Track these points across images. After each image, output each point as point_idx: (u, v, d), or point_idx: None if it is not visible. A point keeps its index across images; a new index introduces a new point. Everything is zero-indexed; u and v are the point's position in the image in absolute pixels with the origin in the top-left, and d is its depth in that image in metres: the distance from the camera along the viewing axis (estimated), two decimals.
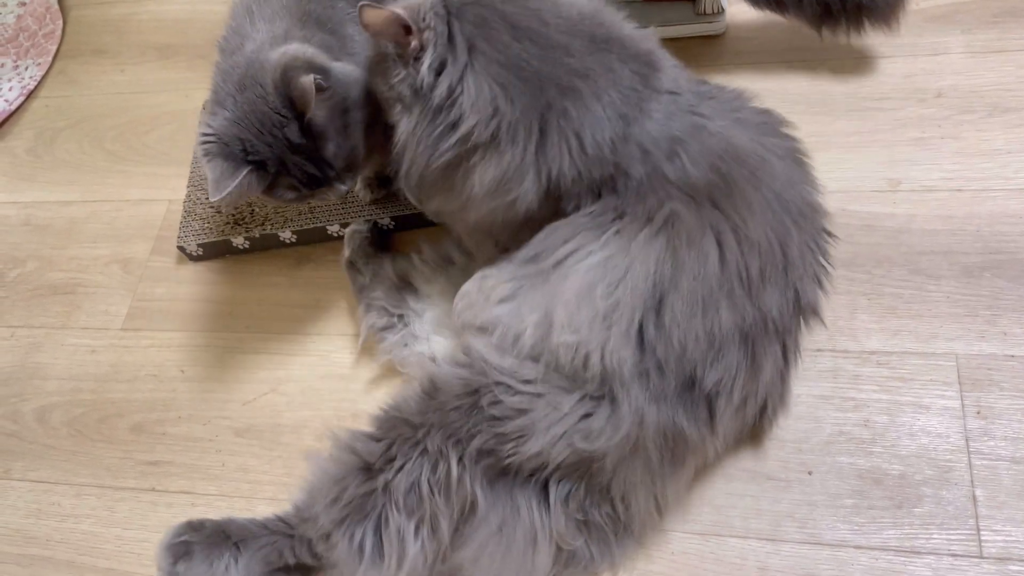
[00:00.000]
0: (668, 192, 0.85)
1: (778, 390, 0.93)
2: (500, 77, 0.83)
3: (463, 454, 0.82)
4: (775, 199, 0.86)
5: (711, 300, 0.81)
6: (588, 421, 0.83)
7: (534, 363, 0.85)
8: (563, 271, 0.85)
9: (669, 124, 0.87)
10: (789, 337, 0.89)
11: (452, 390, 0.84)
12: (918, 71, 1.26)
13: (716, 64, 1.35)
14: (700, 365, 0.82)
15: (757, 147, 0.88)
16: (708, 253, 0.82)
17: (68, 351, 1.30)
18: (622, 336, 0.81)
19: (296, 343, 1.23)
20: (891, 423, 1.00)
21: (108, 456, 1.18)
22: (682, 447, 0.87)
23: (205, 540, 0.88)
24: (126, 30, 1.70)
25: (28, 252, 1.43)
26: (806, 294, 0.88)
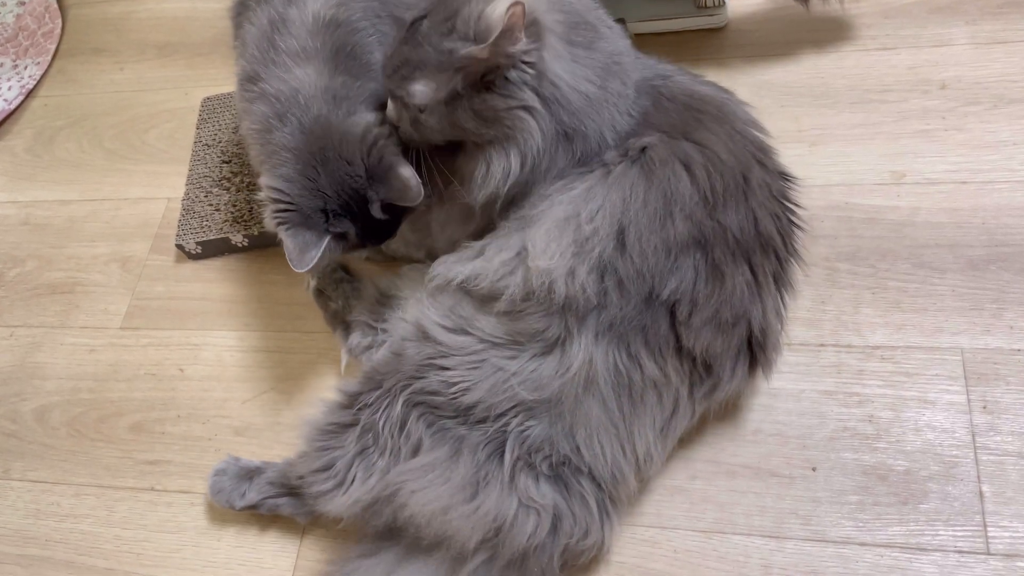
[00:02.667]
0: (647, 132, 0.92)
1: (757, 312, 0.90)
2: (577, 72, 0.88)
3: (409, 397, 0.90)
4: (738, 134, 0.93)
5: (668, 212, 0.86)
6: (536, 373, 0.88)
7: (482, 315, 0.92)
8: (549, 203, 0.90)
9: (645, 79, 0.96)
10: (755, 258, 0.90)
11: (410, 356, 0.93)
12: (922, 63, 1.24)
13: (717, 57, 1.33)
14: (658, 276, 0.86)
15: (716, 94, 0.97)
16: (678, 171, 0.88)
17: (67, 350, 1.30)
18: (592, 263, 0.86)
19: (295, 341, 1.22)
20: (896, 418, 0.99)
21: (107, 456, 1.18)
22: (637, 380, 0.88)
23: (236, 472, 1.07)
24: (125, 28, 1.70)
25: (27, 251, 1.43)
26: (763, 222, 0.90)
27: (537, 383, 0.88)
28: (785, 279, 0.95)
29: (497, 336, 0.90)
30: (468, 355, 0.90)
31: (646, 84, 0.95)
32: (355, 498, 0.92)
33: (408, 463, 0.89)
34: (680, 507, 0.98)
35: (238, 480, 1.05)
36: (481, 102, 0.85)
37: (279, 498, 1.02)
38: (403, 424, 0.91)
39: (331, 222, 0.94)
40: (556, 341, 0.88)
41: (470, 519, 0.86)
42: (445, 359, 0.91)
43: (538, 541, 0.87)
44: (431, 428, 0.91)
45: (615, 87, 0.91)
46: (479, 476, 0.87)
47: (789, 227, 0.95)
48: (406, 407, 0.91)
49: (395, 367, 0.93)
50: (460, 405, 0.89)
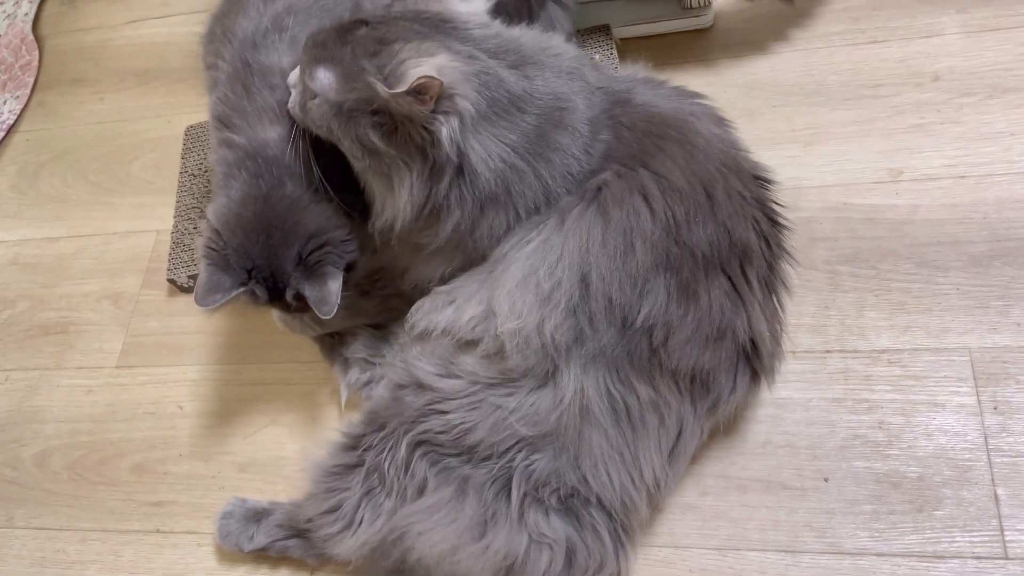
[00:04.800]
0: (609, 166, 0.90)
1: (742, 322, 0.89)
2: (505, 136, 0.86)
3: (412, 439, 0.90)
4: (699, 152, 0.90)
5: (630, 246, 0.85)
6: (534, 407, 0.87)
7: (469, 358, 0.91)
8: (506, 263, 0.89)
9: (605, 110, 0.92)
10: (732, 268, 0.89)
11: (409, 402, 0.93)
12: (913, 54, 1.22)
13: (704, 59, 1.31)
14: (628, 306, 0.85)
15: (679, 110, 0.94)
16: (636, 205, 0.86)
17: (64, 392, 1.28)
18: (561, 311, 0.85)
19: (294, 372, 1.20)
20: (906, 424, 0.97)
21: (110, 499, 1.16)
22: (634, 405, 0.87)
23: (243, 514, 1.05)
24: (103, 57, 1.67)
25: (17, 292, 1.41)
26: (738, 232, 0.89)
27: (535, 418, 0.87)
28: (775, 281, 0.94)
29: (490, 376, 0.89)
30: (465, 397, 0.89)
31: (605, 116, 0.92)
32: (363, 540, 0.91)
33: (414, 504, 0.88)
34: (692, 525, 0.97)
35: (245, 523, 1.04)
36: (365, 132, 0.85)
37: (288, 540, 1.01)
38: (408, 465, 0.90)
39: (250, 281, 0.96)
40: (546, 374, 0.87)
41: (480, 559, 0.84)
42: (443, 403, 0.89)
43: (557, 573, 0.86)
44: (435, 467, 0.89)
45: (559, 139, 0.89)
46: (487, 514, 0.86)
47: (772, 229, 0.94)
48: (409, 448, 0.90)
49: (396, 411, 0.92)
50: (463, 445, 0.88)
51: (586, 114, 0.91)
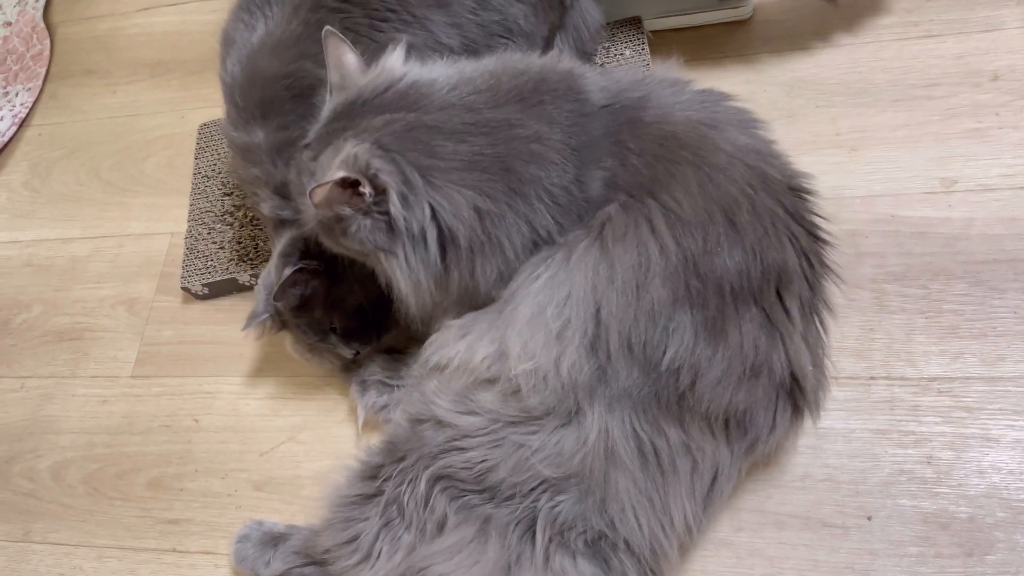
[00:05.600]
0: (615, 197, 0.85)
1: (779, 356, 0.83)
2: (465, 180, 0.82)
3: (432, 474, 0.86)
4: (719, 173, 0.84)
5: (643, 282, 0.80)
6: (559, 446, 0.83)
7: (488, 395, 0.86)
8: (515, 301, 0.85)
9: (610, 132, 0.86)
10: (766, 297, 0.83)
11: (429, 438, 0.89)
12: (971, 51, 1.13)
13: (743, 53, 1.23)
14: (651, 346, 0.80)
15: (697, 127, 0.86)
16: (643, 243, 0.81)
17: (79, 402, 1.25)
18: (576, 348, 0.81)
19: (311, 387, 1.16)
20: (957, 459, 0.91)
21: (127, 515, 1.14)
22: (663, 448, 0.82)
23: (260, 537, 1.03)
24: (115, 47, 1.62)
25: (32, 296, 1.38)
26: (771, 254, 0.82)
27: (560, 458, 0.82)
28: (817, 303, 0.88)
29: (511, 414, 0.84)
30: (486, 435, 0.84)
31: (609, 141, 0.85)
32: (382, 574, 0.87)
33: (434, 544, 0.84)
34: (726, 562, 0.93)
35: (262, 547, 1.01)
36: (338, 242, 0.86)
37: (305, 568, 0.98)
38: (427, 500, 0.86)
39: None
40: (570, 413, 0.82)
41: None
42: (463, 440, 0.85)
43: None
44: (456, 502, 0.85)
45: (530, 171, 0.83)
46: (511, 558, 0.82)
47: (812, 244, 0.87)
48: (429, 484, 0.86)
49: (415, 444, 0.88)
50: (485, 483, 0.84)
51: (567, 140, 0.84)
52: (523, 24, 1.05)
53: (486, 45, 1.03)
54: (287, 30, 0.98)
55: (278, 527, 1.03)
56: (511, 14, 1.03)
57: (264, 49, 0.99)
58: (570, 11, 1.11)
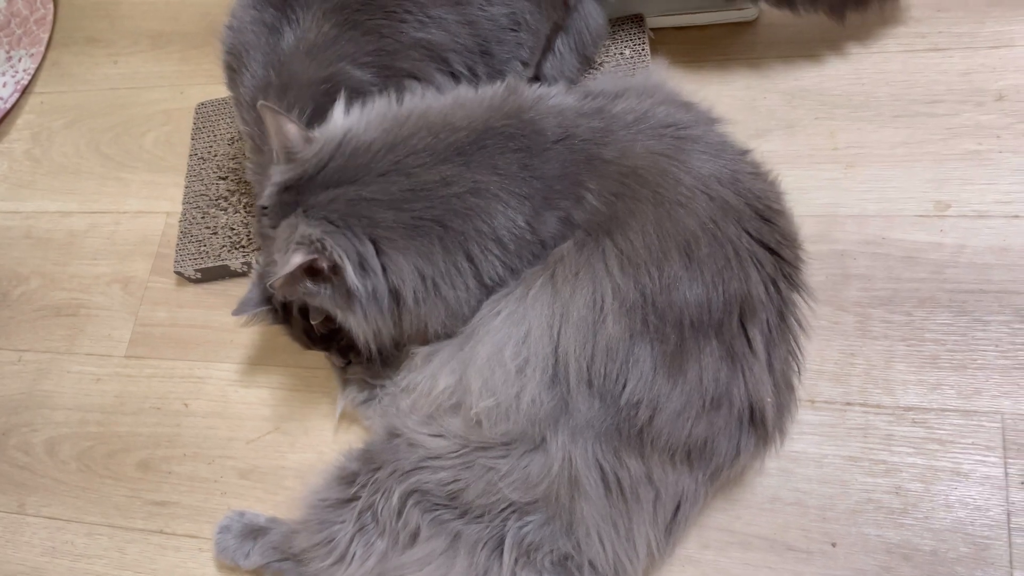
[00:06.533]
0: (572, 234, 0.87)
1: (739, 388, 0.84)
2: (408, 246, 0.85)
3: (405, 488, 0.88)
4: (679, 209, 0.84)
5: (599, 320, 0.82)
6: (527, 470, 0.85)
7: (456, 420, 0.89)
8: (476, 337, 0.88)
9: (567, 171, 0.87)
10: (726, 328, 0.83)
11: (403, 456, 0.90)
12: (977, 67, 1.10)
13: (747, 56, 1.21)
14: (613, 380, 0.82)
15: (659, 160, 0.86)
16: (593, 280, 0.83)
17: (74, 379, 1.28)
18: (536, 384, 0.84)
19: (298, 378, 1.18)
20: (925, 492, 0.92)
21: (116, 494, 1.17)
22: (626, 478, 0.84)
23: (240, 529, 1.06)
24: (118, 15, 1.61)
25: (31, 268, 1.40)
26: (733, 284, 0.83)
27: (527, 483, 0.84)
28: (787, 328, 0.88)
29: (480, 440, 0.86)
30: (457, 457, 0.86)
31: (565, 182, 0.86)
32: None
33: (405, 554, 0.86)
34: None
35: (242, 539, 1.04)
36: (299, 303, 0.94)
37: (283, 562, 1.01)
38: (400, 512, 0.88)
39: (273, 300, 1.06)
40: (535, 441, 0.84)
41: None
42: (435, 460, 0.87)
43: None
44: (428, 515, 0.87)
45: (472, 225, 0.85)
46: (479, 574, 0.84)
47: (780, 268, 0.87)
48: (402, 498, 0.88)
49: (391, 456, 0.90)
50: (456, 501, 0.86)
51: (513, 188, 0.85)
52: (530, 19, 1.04)
53: (498, 40, 1.03)
54: (320, 33, 0.97)
55: (259, 519, 1.06)
56: (518, 8, 1.02)
57: (298, 54, 0.98)
58: (574, 13, 1.10)
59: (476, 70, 1.02)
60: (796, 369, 0.89)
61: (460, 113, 0.87)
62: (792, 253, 0.89)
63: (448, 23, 0.99)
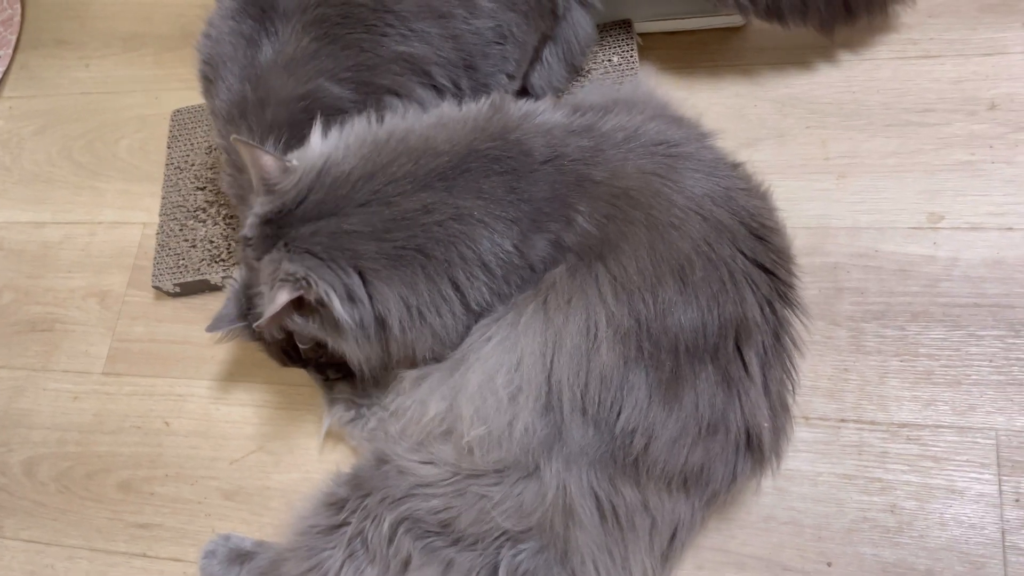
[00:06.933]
0: (563, 258, 0.85)
1: (735, 413, 0.83)
2: (392, 276, 0.83)
3: (396, 515, 0.86)
4: (672, 231, 0.83)
5: (593, 347, 0.81)
6: (520, 498, 0.83)
7: (447, 447, 0.87)
8: (467, 362, 0.86)
9: (556, 193, 0.84)
10: (721, 353, 0.82)
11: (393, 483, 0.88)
12: (969, 75, 1.09)
13: (736, 62, 1.19)
14: (608, 407, 0.80)
15: (651, 180, 0.84)
16: (586, 307, 0.81)
17: (51, 397, 1.25)
18: (529, 412, 0.82)
19: (282, 395, 1.16)
20: (920, 510, 0.92)
21: (97, 516, 1.15)
22: (621, 506, 0.83)
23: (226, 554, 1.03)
24: (88, 16, 1.55)
25: (3, 281, 1.36)
26: (726, 309, 0.82)
27: (520, 511, 0.82)
28: (782, 348, 0.87)
29: (472, 468, 0.84)
30: (448, 485, 0.84)
31: (555, 204, 0.84)
32: None
33: None
34: None
35: (228, 564, 1.02)
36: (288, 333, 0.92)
37: None
38: (391, 539, 0.86)
39: (249, 314, 1.03)
40: (529, 469, 0.83)
41: None
42: (426, 488, 0.85)
43: None
44: (420, 543, 0.86)
45: (457, 252, 0.83)
46: None
47: (775, 287, 0.86)
48: (393, 526, 0.86)
49: (380, 483, 0.88)
50: (448, 529, 0.84)
51: (500, 212, 0.83)
52: (516, 32, 1.01)
53: (483, 54, 1.00)
54: (299, 47, 0.94)
55: (245, 544, 1.03)
56: (504, 20, 0.99)
57: (276, 68, 0.95)
58: (562, 22, 1.07)
59: (460, 84, 0.99)
60: (791, 388, 0.88)
61: (442, 135, 0.85)
62: (787, 271, 0.88)
63: (431, 36, 0.96)
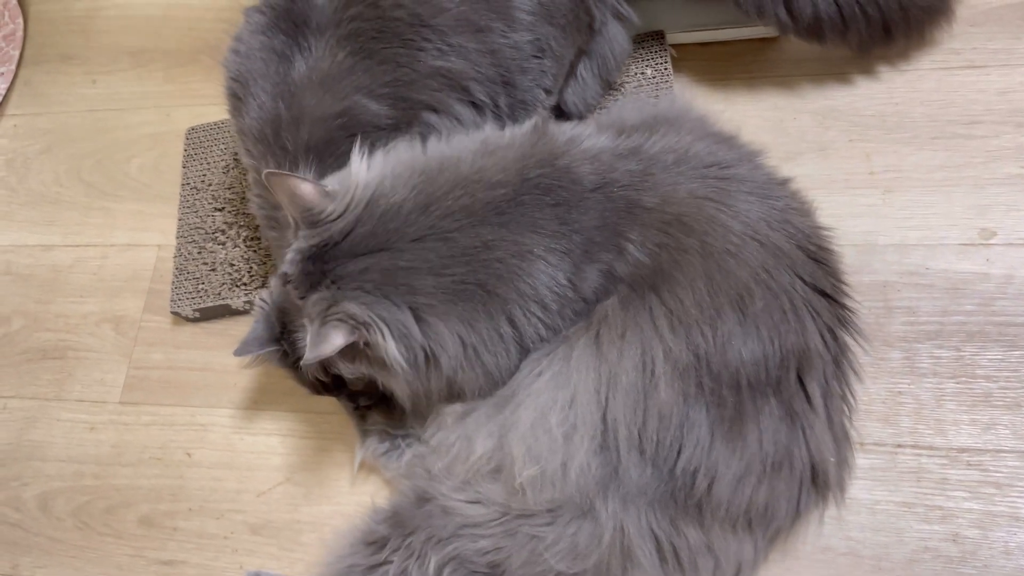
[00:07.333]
0: (615, 289, 0.82)
1: (800, 448, 0.80)
2: (449, 312, 0.79)
3: (442, 557, 0.83)
4: (729, 259, 0.80)
5: (650, 384, 0.78)
6: (575, 538, 0.80)
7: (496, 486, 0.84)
8: (516, 399, 0.83)
9: (606, 221, 0.82)
10: (785, 386, 0.79)
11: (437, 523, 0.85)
12: (1016, 86, 1.06)
13: (772, 74, 1.15)
14: (668, 447, 0.77)
15: (704, 206, 0.81)
16: (642, 342, 0.78)
17: (65, 428, 1.20)
18: (584, 452, 0.79)
19: (309, 424, 1.11)
20: (983, 538, 0.88)
21: (118, 553, 1.10)
22: (683, 548, 0.79)
23: None
24: (93, 30, 1.51)
25: (12, 307, 1.31)
26: (788, 340, 0.79)
27: (574, 553, 0.79)
28: (842, 377, 0.84)
29: (522, 508, 0.81)
30: (497, 525, 0.81)
31: (605, 232, 0.81)
32: None
33: None
34: None
35: None
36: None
37: None
38: None
39: (282, 337, 0.95)
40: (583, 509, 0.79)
41: None
42: (474, 528, 0.82)
43: None
44: None
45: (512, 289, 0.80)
46: None
47: (835, 313, 0.83)
48: (439, 566, 0.82)
49: (423, 522, 0.84)
50: (497, 571, 0.81)
51: (554, 246, 0.80)
52: (554, 46, 0.98)
53: (521, 69, 0.97)
54: (334, 62, 0.91)
55: None
56: (543, 34, 0.96)
57: (310, 85, 0.91)
58: (598, 36, 1.04)
59: (498, 100, 0.96)
60: (848, 414, 0.85)
61: (492, 164, 0.82)
62: (845, 295, 0.84)
63: (469, 51, 0.92)
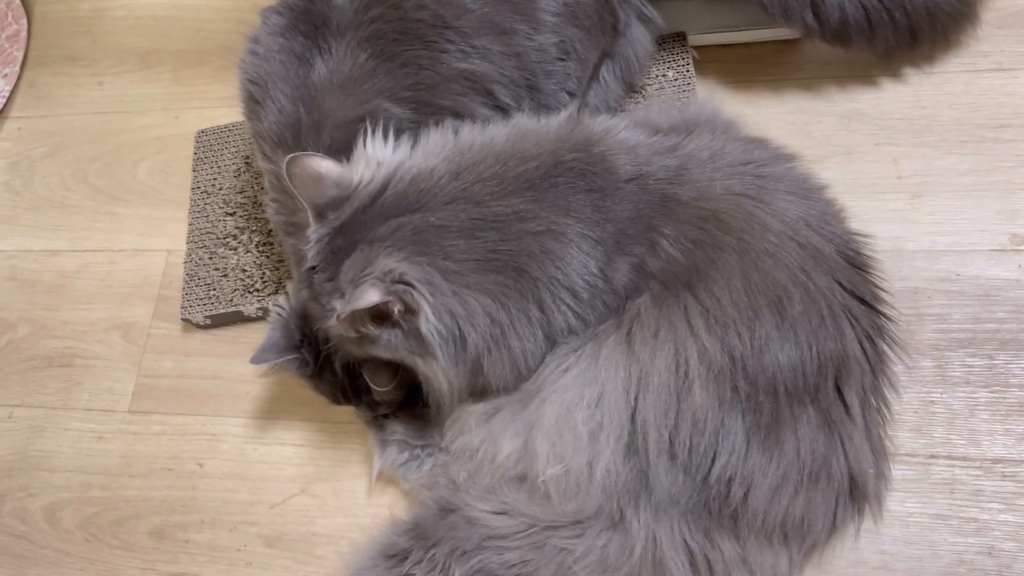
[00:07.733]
0: (648, 286, 0.79)
1: (838, 459, 0.78)
2: (482, 283, 0.76)
3: (466, 569, 0.81)
4: (767, 258, 0.77)
5: (684, 386, 0.75)
6: (605, 551, 0.78)
7: (522, 495, 0.82)
8: (541, 394, 0.81)
9: (640, 214, 0.79)
10: (823, 394, 0.76)
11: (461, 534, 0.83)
12: None
13: (796, 76, 1.13)
14: (697, 455, 0.75)
15: (742, 203, 0.79)
16: (675, 342, 0.76)
17: (72, 437, 1.17)
18: (611, 452, 0.77)
19: (324, 433, 1.09)
20: (1020, 551, 0.86)
21: (129, 566, 1.07)
22: (718, 561, 0.77)
23: None
24: (100, 31, 1.48)
25: (18, 314, 1.28)
26: (826, 346, 0.76)
27: (605, 565, 0.77)
28: (880, 387, 0.82)
29: (550, 518, 0.79)
30: (524, 537, 0.79)
31: (639, 226, 0.79)
32: None
33: None
34: None
35: None
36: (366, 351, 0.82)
37: None
38: None
39: (303, 346, 0.95)
40: (614, 518, 0.77)
41: None
42: (500, 540, 0.79)
43: None
44: None
45: (542, 271, 0.77)
46: None
47: (874, 321, 0.81)
48: None
49: (446, 533, 0.82)
50: None
51: (587, 232, 0.77)
52: (579, 48, 0.96)
53: (545, 72, 0.95)
54: (355, 65, 0.89)
55: None
56: (567, 35, 0.95)
57: (331, 88, 0.89)
58: (621, 39, 1.02)
59: (522, 104, 0.94)
60: (883, 424, 0.83)
61: (526, 143, 0.79)
62: (886, 303, 0.82)
63: (492, 54, 0.90)
